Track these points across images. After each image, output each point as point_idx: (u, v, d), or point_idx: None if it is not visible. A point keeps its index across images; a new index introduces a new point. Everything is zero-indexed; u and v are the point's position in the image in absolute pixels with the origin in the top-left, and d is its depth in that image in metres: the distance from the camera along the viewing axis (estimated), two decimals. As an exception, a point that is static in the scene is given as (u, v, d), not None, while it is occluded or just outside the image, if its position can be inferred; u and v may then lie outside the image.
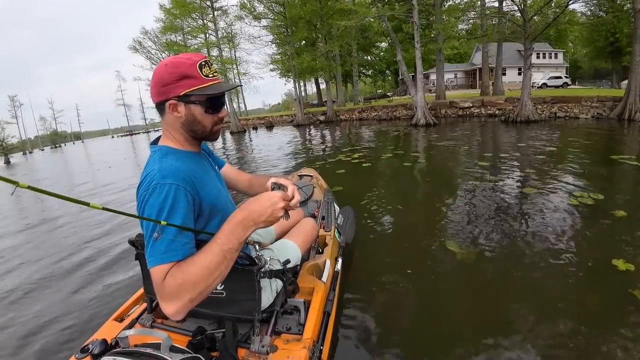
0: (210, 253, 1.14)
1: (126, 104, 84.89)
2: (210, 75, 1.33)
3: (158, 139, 1.46)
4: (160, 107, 1.36)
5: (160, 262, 1.15)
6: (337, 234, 2.85)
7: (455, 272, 3.29)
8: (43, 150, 75.48)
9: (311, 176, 4.42)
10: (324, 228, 2.85)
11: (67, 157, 33.77)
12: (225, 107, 1.44)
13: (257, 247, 1.73)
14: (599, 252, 3.41)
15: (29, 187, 0.77)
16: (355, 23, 21.26)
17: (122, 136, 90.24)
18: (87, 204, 0.99)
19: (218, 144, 22.34)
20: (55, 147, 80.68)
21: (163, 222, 1.15)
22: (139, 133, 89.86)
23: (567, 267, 3.17)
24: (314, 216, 3.05)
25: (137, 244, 1.60)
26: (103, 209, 1.06)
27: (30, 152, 69.55)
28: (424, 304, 2.87)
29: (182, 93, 1.30)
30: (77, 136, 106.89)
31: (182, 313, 1.14)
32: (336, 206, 3.27)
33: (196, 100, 1.32)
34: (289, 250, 1.97)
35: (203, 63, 1.32)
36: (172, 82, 1.29)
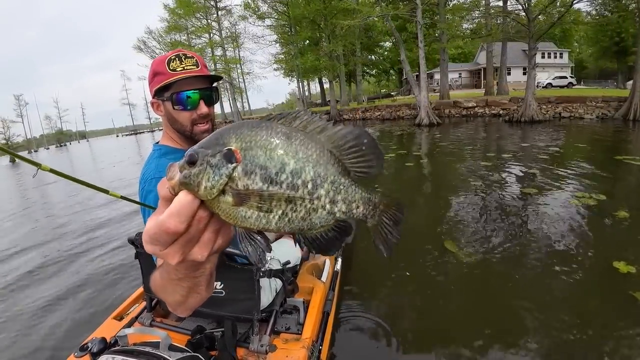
0: (162, 279, 0.67)
1: (131, 103, 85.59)
2: (179, 69, 1.25)
3: None
4: None
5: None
6: None
7: (455, 272, 3.28)
8: (48, 149, 75.93)
9: None
10: None
11: (72, 156, 33.93)
12: (204, 102, 1.31)
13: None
14: (600, 253, 3.40)
15: (51, 170, 0.78)
16: (358, 22, 21.22)
17: (126, 135, 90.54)
18: (107, 192, 1.00)
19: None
20: (61, 145, 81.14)
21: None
22: (143, 132, 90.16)
23: (568, 269, 3.16)
24: None
25: (136, 242, 1.60)
26: (121, 197, 1.07)
27: (36, 151, 69.92)
28: (424, 304, 2.88)
29: (154, 90, 1.29)
30: (82, 135, 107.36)
31: (179, 314, 0.80)
32: None
33: (166, 97, 1.28)
34: (288, 250, 1.98)
35: (173, 57, 1.25)
36: (150, 81, 1.30)
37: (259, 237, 0.48)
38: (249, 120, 0.47)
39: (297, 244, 0.40)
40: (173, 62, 1.24)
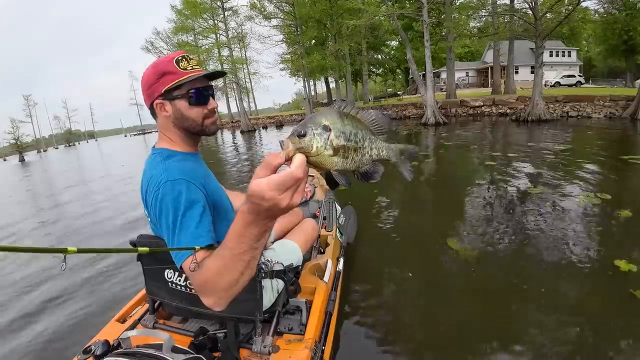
0: (222, 258, 0.92)
1: (139, 103, 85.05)
2: (189, 68, 1.31)
3: None
4: (152, 110, 1.38)
5: (185, 256, 1.11)
6: (338, 234, 2.86)
7: (458, 271, 3.29)
8: (57, 148, 76.46)
9: (312, 176, 4.42)
10: (325, 228, 2.85)
11: (80, 156, 34.16)
12: (213, 98, 1.41)
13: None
14: (602, 252, 3.41)
15: (79, 250, 0.79)
16: (364, 22, 21.19)
17: (134, 135, 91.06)
18: (136, 250, 1.08)
19: (228, 142, 22.44)
20: (70, 145, 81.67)
21: (198, 248, 1.10)
22: (151, 132, 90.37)
23: (570, 267, 3.17)
24: (315, 216, 3.06)
25: (138, 245, 1.61)
26: (150, 251, 1.17)
27: (45, 151, 70.53)
28: (426, 303, 2.88)
29: (164, 90, 1.30)
30: (91, 135, 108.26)
31: (220, 306, 1.00)
32: (338, 206, 3.27)
33: (178, 95, 1.32)
34: (290, 250, 1.98)
35: (180, 58, 1.31)
36: (154, 82, 1.31)
37: (343, 175, 0.80)
38: (324, 110, 0.78)
39: (358, 179, 0.72)
40: (182, 62, 1.30)
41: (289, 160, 0.71)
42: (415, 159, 1.00)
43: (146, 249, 1.07)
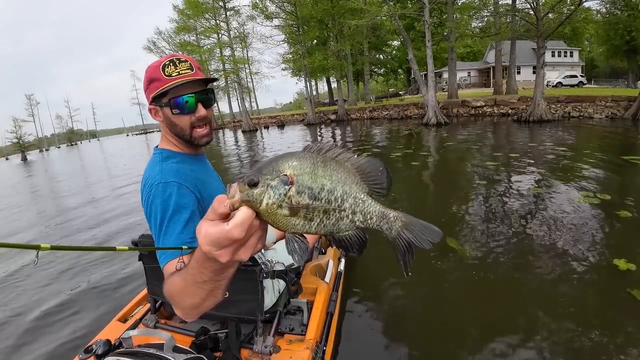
0: (185, 281, 0.82)
1: (140, 103, 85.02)
2: (174, 74, 1.25)
3: None
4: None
5: (167, 259, 1.11)
6: None
7: (459, 272, 3.29)
8: (59, 147, 76.45)
9: None
10: None
11: (82, 155, 34.18)
12: (202, 105, 1.32)
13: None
14: (601, 251, 3.43)
15: (52, 247, 0.77)
16: (366, 22, 21.17)
17: (136, 134, 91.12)
18: (114, 249, 1.04)
19: (230, 142, 22.43)
20: (72, 144, 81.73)
21: (184, 247, 1.10)
22: (153, 132, 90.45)
23: (569, 266, 3.18)
24: None
25: (140, 245, 1.62)
26: (129, 249, 1.10)
27: (47, 150, 70.56)
28: (427, 303, 2.89)
29: (151, 97, 1.30)
30: (93, 134, 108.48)
31: (188, 319, 0.96)
32: None
33: (163, 103, 1.30)
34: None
35: (167, 63, 1.26)
36: (145, 89, 1.32)
37: (301, 239, 0.62)
38: (294, 152, 0.60)
39: (331, 245, 0.56)
40: (168, 67, 1.25)
41: (235, 210, 0.56)
42: (432, 247, 0.70)
43: (125, 247, 1.07)
